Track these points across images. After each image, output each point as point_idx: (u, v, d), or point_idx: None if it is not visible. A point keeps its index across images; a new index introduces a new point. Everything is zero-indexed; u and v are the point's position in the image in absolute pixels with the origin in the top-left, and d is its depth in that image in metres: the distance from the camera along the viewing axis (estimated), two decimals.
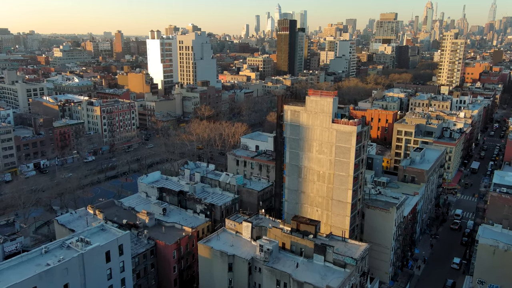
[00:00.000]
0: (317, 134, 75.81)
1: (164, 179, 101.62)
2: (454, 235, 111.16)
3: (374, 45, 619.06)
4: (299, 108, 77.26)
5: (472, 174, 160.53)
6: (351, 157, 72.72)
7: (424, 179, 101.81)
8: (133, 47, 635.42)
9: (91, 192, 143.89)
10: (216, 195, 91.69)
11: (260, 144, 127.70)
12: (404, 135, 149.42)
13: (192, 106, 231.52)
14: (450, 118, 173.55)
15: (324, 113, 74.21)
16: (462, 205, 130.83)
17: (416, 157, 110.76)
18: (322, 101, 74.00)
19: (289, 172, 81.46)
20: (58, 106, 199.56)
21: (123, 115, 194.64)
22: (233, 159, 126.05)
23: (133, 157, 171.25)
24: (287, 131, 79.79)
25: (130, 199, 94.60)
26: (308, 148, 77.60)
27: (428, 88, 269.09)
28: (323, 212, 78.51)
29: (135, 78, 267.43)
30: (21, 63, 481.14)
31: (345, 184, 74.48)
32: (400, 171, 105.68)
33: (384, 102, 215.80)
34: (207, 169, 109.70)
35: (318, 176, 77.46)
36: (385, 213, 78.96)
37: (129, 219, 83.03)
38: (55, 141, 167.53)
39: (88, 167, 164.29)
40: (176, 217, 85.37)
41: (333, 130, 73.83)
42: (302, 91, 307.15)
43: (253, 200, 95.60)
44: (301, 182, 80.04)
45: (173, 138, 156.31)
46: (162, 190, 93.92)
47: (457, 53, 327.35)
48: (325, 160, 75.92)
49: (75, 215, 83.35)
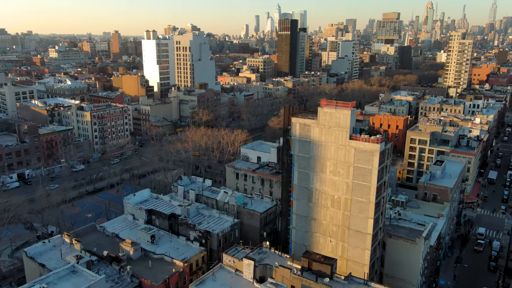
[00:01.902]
0: (332, 152, 64.14)
1: (154, 198, 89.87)
2: (479, 258, 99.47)
3: (376, 46, 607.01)
4: (309, 121, 65.54)
5: (489, 184, 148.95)
6: (372, 180, 61.05)
7: (448, 197, 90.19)
8: (130, 48, 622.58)
9: (78, 206, 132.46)
10: (213, 219, 79.99)
11: (262, 155, 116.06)
12: (418, 144, 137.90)
13: (190, 110, 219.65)
14: (465, 124, 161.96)
15: (340, 128, 62.52)
16: (483, 222, 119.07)
17: (437, 171, 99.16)
18: (338, 113, 62.29)
19: (298, 195, 69.73)
20: (46, 111, 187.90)
21: (116, 121, 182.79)
22: (233, 171, 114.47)
23: (125, 166, 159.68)
24: (295, 147, 68.05)
25: (115, 222, 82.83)
26: (320, 168, 65.92)
27: (437, 90, 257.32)
28: (337, 243, 66.83)
29: (130, 80, 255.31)
30: (16, 64, 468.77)
31: (365, 212, 62.83)
32: (421, 188, 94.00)
33: (392, 106, 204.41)
34: (203, 185, 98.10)
35: (333, 201, 65.80)
36: (410, 244, 67.28)
37: (111, 249, 71.44)
38: (41, 149, 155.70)
39: (77, 177, 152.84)
40: (166, 246, 73.73)
41: (350, 148, 62.14)
42: (304, 93, 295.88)
43: (255, 223, 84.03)
44: (312, 208, 68.34)
45: (167, 147, 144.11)
46: (151, 213, 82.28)
47: (464, 53, 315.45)
48: (340, 182, 64.26)
49: (48, 244, 71.70)
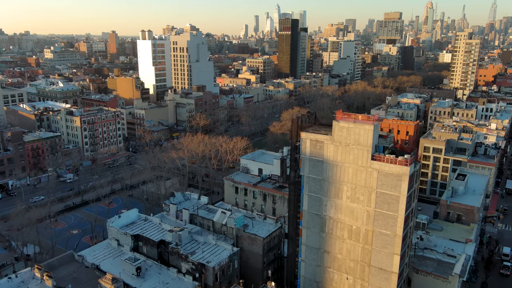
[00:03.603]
0: (350, 175, 53.71)
1: (143, 219, 79.24)
2: (507, 284, 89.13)
3: (378, 46, 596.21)
4: (322, 138, 55.07)
5: (508, 195, 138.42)
6: (399, 209, 50.62)
7: (475, 218, 79.83)
8: (128, 48, 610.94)
9: (63, 221, 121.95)
10: (208, 247, 69.42)
11: (264, 167, 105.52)
12: (432, 152, 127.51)
13: (187, 114, 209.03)
14: (479, 129, 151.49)
15: (360, 146, 52.07)
16: (506, 239, 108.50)
17: (459, 186, 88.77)
18: (357, 128, 51.83)
19: (308, 223, 59.25)
20: (34, 116, 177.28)
21: (108, 126, 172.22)
22: (232, 185, 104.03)
23: (117, 174, 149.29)
24: (305, 167, 57.56)
25: (96, 250, 72.22)
26: (335, 193, 55.47)
27: (445, 92, 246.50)
28: (356, 282, 56.40)
29: (124, 83, 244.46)
30: (10, 65, 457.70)
31: (389, 247, 52.40)
32: (443, 207, 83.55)
33: (400, 109, 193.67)
34: (198, 202, 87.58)
35: (350, 232, 55.37)
36: (442, 282, 56.88)
37: (89, 284, 61.07)
38: (26, 158, 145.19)
39: (65, 187, 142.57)
40: (154, 280, 63.34)
41: (373, 171, 51.71)
42: (306, 95, 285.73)
43: (257, 249, 73.49)
44: (325, 239, 57.89)
45: (160, 156, 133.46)
46: (138, 238, 71.77)
47: (471, 54, 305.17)
48: (360, 211, 53.84)
49: (15, 280, 61.21)
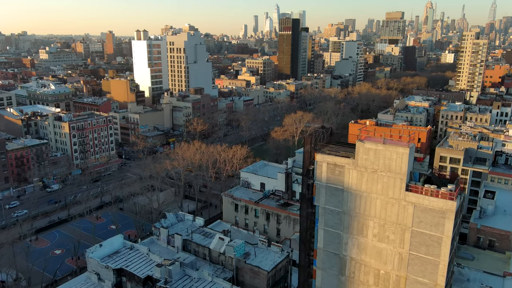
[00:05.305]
0: (377, 208, 43.29)
1: (128, 248, 68.58)
2: None
3: (379, 46, 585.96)
4: (343, 161, 44.59)
5: None
6: (442, 254, 40.21)
7: (511, 244, 69.42)
8: (125, 49, 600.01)
9: (46, 238, 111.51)
10: (203, 284, 58.94)
11: (267, 181, 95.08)
12: (449, 162, 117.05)
13: (184, 118, 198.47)
14: (496, 136, 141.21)
15: (392, 174, 41.64)
16: None
17: (489, 206, 78.44)
18: (389, 152, 41.37)
19: (324, 263, 48.80)
20: (21, 121, 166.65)
21: (99, 132, 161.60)
22: (231, 202, 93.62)
23: (108, 185, 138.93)
24: (321, 197, 47.09)
25: (73, 286, 61.73)
26: (359, 230, 45.05)
27: (453, 95, 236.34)
28: None
29: (118, 85, 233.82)
30: (4, 66, 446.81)
31: None
32: (472, 232, 73.07)
33: (409, 113, 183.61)
34: (193, 224, 77.17)
35: (377, 277, 44.97)
36: None
37: None
38: (9, 168, 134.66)
39: (51, 199, 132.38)
40: None
41: (407, 204, 41.29)
42: (308, 98, 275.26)
43: (261, 284, 63.09)
44: (345, 283, 47.47)
45: (153, 166, 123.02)
46: (122, 273, 61.33)
47: (478, 54, 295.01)
48: (390, 252, 43.44)
49: None
